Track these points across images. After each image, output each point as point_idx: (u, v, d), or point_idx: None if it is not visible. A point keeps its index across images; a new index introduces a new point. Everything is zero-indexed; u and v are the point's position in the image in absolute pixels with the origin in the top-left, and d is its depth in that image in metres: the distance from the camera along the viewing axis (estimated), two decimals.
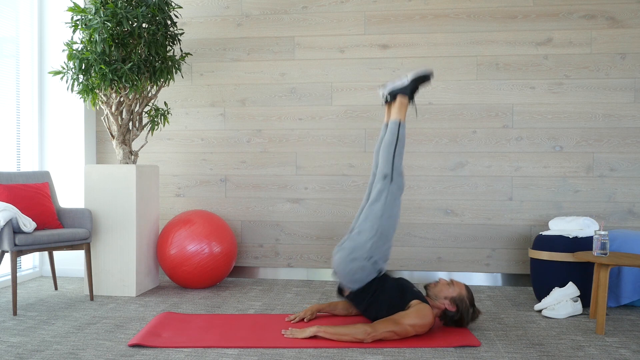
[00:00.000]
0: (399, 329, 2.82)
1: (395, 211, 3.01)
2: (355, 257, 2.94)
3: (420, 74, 3.21)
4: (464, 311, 2.99)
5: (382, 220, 2.97)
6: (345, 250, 2.97)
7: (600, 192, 4.30)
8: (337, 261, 3.00)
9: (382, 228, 2.96)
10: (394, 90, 3.21)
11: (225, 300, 3.85)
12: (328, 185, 4.56)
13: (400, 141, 3.07)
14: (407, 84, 3.20)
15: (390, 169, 3.03)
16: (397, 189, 3.02)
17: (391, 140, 3.07)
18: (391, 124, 3.11)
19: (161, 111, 4.26)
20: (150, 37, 3.93)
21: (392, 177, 3.02)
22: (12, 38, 4.38)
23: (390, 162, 3.04)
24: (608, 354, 2.72)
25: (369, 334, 2.80)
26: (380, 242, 2.95)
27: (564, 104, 4.33)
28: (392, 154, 3.05)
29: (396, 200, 3.01)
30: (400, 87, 3.20)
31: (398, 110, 3.15)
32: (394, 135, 3.07)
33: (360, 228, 3.00)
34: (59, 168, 4.65)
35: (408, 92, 3.19)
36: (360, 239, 2.96)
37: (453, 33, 4.42)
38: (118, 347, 2.78)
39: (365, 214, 3.01)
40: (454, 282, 3.06)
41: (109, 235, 3.95)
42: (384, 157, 3.05)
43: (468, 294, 3.03)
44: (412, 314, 2.85)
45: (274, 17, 4.61)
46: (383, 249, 2.96)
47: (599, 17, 4.29)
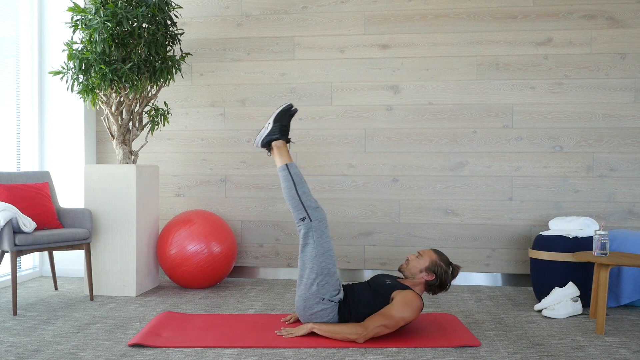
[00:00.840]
0: (389, 322, 2.82)
1: (327, 244, 3.01)
2: (309, 305, 2.98)
3: (280, 112, 3.18)
4: (442, 274, 3.00)
5: (318, 261, 2.98)
6: (300, 303, 3.02)
7: (600, 192, 4.30)
8: (299, 314, 3.06)
9: (320, 267, 2.97)
10: (264, 140, 3.19)
11: (225, 300, 3.85)
12: (328, 185, 4.56)
13: (297, 182, 3.07)
14: (271, 128, 3.18)
15: (304, 210, 3.03)
16: (319, 224, 3.02)
17: (288, 185, 3.07)
18: (279, 171, 3.12)
19: (161, 111, 4.26)
20: (150, 37, 3.93)
21: (309, 216, 3.03)
22: (12, 38, 4.38)
23: (300, 205, 3.04)
24: (608, 354, 2.72)
25: (361, 334, 2.81)
26: (324, 280, 2.97)
27: (564, 104, 4.33)
28: (297, 197, 3.05)
29: (324, 235, 3.02)
30: (267, 134, 3.18)
31: (278, 156, 3.14)
32: (288, 180, 3.07)
33: (302, 276, 3.02)
34: (59, 168, 4.65)
35: (278, 135, 3.17)
36: (306, 287, 2.99)
37: (453, 33, 4.42)
38: (118, 347, 2.78)
39: (301, 261, 3.03)
40: (421, 252, 3.08)
41: (109, 235, 3.95)
42: (292, 203, 3.05)
43: (440, 257, 3.04)
44: (398, 304, 2.85)
45: (274, 17, 4.61)
46: (330, 283, 2.98)
47: (599, 17, 4.29)
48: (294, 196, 3.06)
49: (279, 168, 3.13)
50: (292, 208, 3.07)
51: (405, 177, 4.48)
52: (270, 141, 3.18)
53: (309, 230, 3.01)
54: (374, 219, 4.51)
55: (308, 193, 3.07)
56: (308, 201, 3.05)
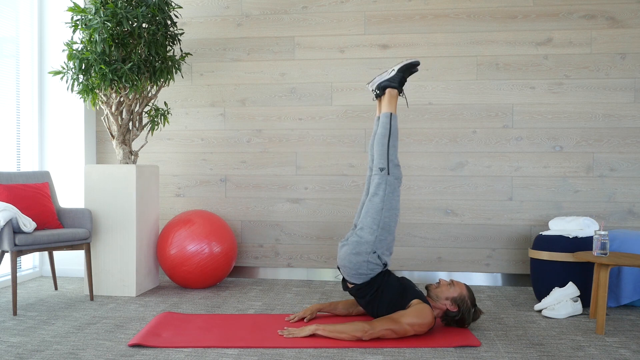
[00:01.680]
0: (397, 328, 2.82)
1: (395, 203, 3.00)
2: (359, 251, 2.95)
3: (406, 64, 3.19)
4: (465, 311, 2.99)
5: (382, 213, 2.97)
6: (350, 245, 2.98)
7: (600, 192, 4.30)
8: (342, 256, 3.01)
9: (383, 221, 2.96)
10: (382, 84, 3.19)
11: (225, 300, 3.85)
12: (328, 185, 4.56)
13: (393, 133, 3.07)
14: (393, 75, 3.18)
15: (386, 161, 3.03)
16: (394, 181, 3.02)
17: (384, 133, 3.06)
18: (382, 117, 3.11)
19: (161, 111, 4.26)
20: (150, 37, 3.94)
21: (388, 169, 3.02)
22: (12, 38, 4.38)
23: (385, 155, 3.03)
24: (608, 354, 2.72)
25: (367, 331, 2.81)
26: (383, 235, 2.95)
27: (564, 104, 4.33)
28: (387, 146, 3.04)
29: (395, 192, 3.01)
30: (387, 79, 3.19)
31: (388, 103, 3.14)
32: (386, 127, 3.07)
33: (362, 223, 3.00)
34: (59, 168, 4.65)
35: (396, 84, 3.17)
36: (363, 233, 2.96)
37: (453, 33, 4.42)
38: (118, 347, 2.78)
39: (366, 208, 3.01)
40: (454, 282, 3.06)
41: (109, 235, 3.95)
42: (379, 150, 3.05)
43: (469, 294, 3.03)
44: (412, 314, 2.85)
45: (274, 17, 4.61)
46: (386, 241, 2.97)
47: (599, 17, 4.29)
48: (384, 144, 3.04)
49: (384, 113, 3.11)
50: (377, 154, 3.05)
51: (405, 177, 4.48)
52: (387, 86, 3.17)
53: (383, 182, 3.00)
54: None
55: (397, 149, 3.07)
56: (393, 156, 3.04)
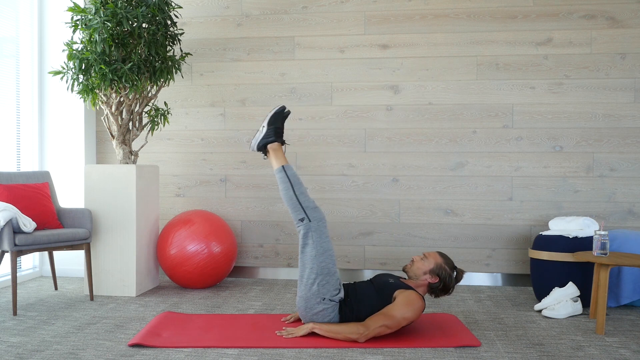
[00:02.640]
0: (391, 322, 2.82)
1: (326, 244, 3.01)
2: (310, 305, 2.97)
3: (273, 114, 3.19)
4: (446, 278, 3.00)
5: (317, 261, 2.97)
6: (301, 303, 3.01)
7: (600, 192, 4.30)
8: (301, 314, 3.05)
9: (320, 266, 2.97)
10: (260, 143, 3.19)
11: (225, 300, 3.85)
12: (328, 185, 4.56)
13: (294, 182, 3.07)
14: (266, 131, 3.18)
15: (302, 210, 3.03)
16: (318, 223, 3.02)
17: (285, 187, 3.07)
18: (276, 173, 3.12)
19: (161, 111, 4.26)
20: (150, 37, 3.94)
21: (307, 216, 3.03)
22: (12, 38, 4.38)
23: (298, 206, 3.04)
24: (608, 354, 2.72)
25: (362, 334, 2.81)
26: (324, 280, 2.96)
27: (564, 104, 4.33)
28: (295, 198, 3.05)
29: (322, 234, 3.01)
30: (262, 137, 3.19)
31: (275, 159, 3.15)
32: (285, 182, 3.08)
33: (302, 277, 3.02)
34: (59, 168, 4.65)
35: (273, 138, 3.17)
36: (307, 287, 2.98)
37: (453, 33, 4.42)
38: (118, 347, 2.78)
39: (301, 262, 3.03)
40: (426, 254, 3.08)
41: (109, 235, 3.95)
42: (291, 205, 3.06)
43: (445, 260, 3.04)
44: (400, 304, 2.85)
45: (274, 17, 4.61)
46: (331, 283, 2.97)
47: (599, 17, 4.29)
48: (291, 197, 3.06)
49: (276, 170, 3.13)
50: (291, 209, 3.07)
51: (405, 177, 4.48)
52: (266, 144, 3.19)
53: (308, 230, 3.01)
54: (374, 219, 4.51)
55: (305, 194, 3.08)
56: (306, 201, 3.05)
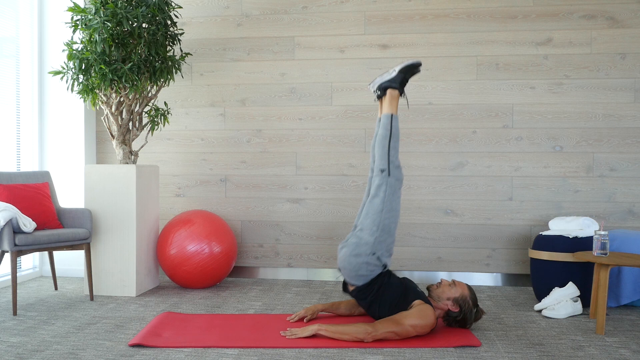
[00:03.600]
0: (399, 329, 2.81)
1: (395, 205, 2.99)
2: (359, 252, 2.94)
3: (407, 65, 3.16)
4: (467, 311, 2.99)
5: (382, 215, 2.95)
6: (350, 247, 2.97)
7: (600, 192, 4.30)
8: (341, 257, 3.01)
9: (383, 223, 2.95)
10: (383, 84, 3.17)
11: (225, 300, 3.85)
12: (328, 185, 4.56)
13: (394, 134, 3.05)
14: (394, 76, 3.16)
15: (387, 162, 3.01)
16: (395, 182, 3.01)
17: (384, 134, 3.05)
18: (383, 118, 3.10)
19: (161, 111, 4.26)
20: (150, 37, 3.94)
21: (389, 170, 3.00)
22: (12, 38, 4.38)
23: (386, 156, 3.02)
24: (608, 354, 2.72)
25: (369, 333, 2.80)
26: (382, 236, 2.94)
27: (564, 104, 4.33)
28: (387, 147, 3.03)
29: (395, 194, 3.00)
30: (388, 80, 3.16)
31: (389, 104, 3.12)
32: (387, 129, 3.05)
33: (362, 225, 2.99)
34: (59, 168, 4.65)
35: (397, 85, 3.15)
36: (363, 235, 2.96)
37: (453, 33, 4.42)
38: (118, 347, 2.78)
39: (366, 210, 3.00)
40: (456, 282, 3.06)
41: (109, 235, 3.95)
42: (379, 151, 3.04)
43: (471, 294, 3.02)
44: (414, 315, 2.84)
45: (274, 17, 4.61)
46: (386, 243, 2.96)
47: (599, 17, 4.29)
48: (385, 146, 3.03)
49: (385, 115, 3.09)
50: (378, 156, 3.04)
51: (405, 177, 4.48)
52: (388, 87, 3.15)
53: (383, 183, 2.99)
54: None
55: (397, 150, 3.05)
56: (394, 157, 3.03)
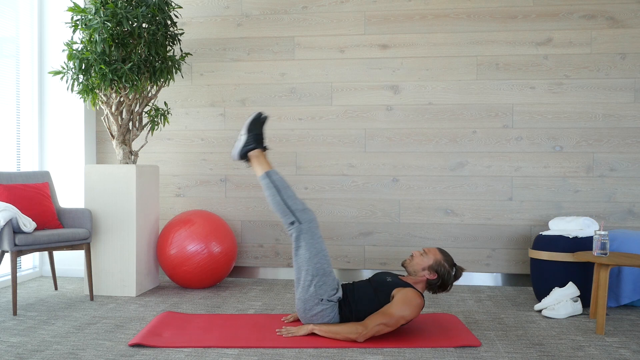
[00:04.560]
0: (389, 321, 2.81)
1: (320, 245, 2.99)
2: (308, 307, 2.97)
3: (251, 121, 3.17)
4: (444, 275, 2.99)
5: (312, 262, 2.96)
6: (300, 305, 3.01)
7: (600, 192, 4.30)
8: (300, 316, 3.05)
9: (315, 268, 2.96)
10: (242, 152, 3.18)
11: (225, 300, 3.85)
12: (328, 185, 4.56)
13: (280, 187, 3.05)
14: (246, 138, 3.17)
15: (291, 214, 3.02)
16: (309, 225, 3.00)
17: (272, 193, 3.05)
18: (261, 180, 3.10)
19: (161, 111, 4.26)
20: (150, 37, 3.94)
21: (297, 219, 3.01)
22: (12, 38, 4.38)
23: (287, 210, 3.02)
24: (608, 354, 2.72)
25: (361, 333, 2.81)
26: (321, 281, 2.96)
27: (564, 104, 4.33)
28: (283, 202, 3.03)
29: (315, 235, 3.00)
30: (242, 146, 3.17)
31: (258, 165, 3.13)
32: (270, 187, 3.06)
33: (299, 279, 3.01)
34: (59, 168, 4.65)
35: (253, 145, 3.16)
36: (304, 289, 2.97)
37: (453, 33, 4.42)
38: (118, 347, 2.78)
39: (297, 264, 3.02)
40: (426, 250, 3.06)
41: (109, 235, 3.95)
42: (279, 210, 3.04)
43: (444, 257, 3.02)
44: (398, 303, 2.84)
45: (274, 17, 4.61)
46: (327, 284, 2.96)
47: (599, 17, 4.29)
48: (279, 202, 3.04)
49: (260, 177, 3.11)
50: (280, 214, 3.05)
51: (405, 177, 4.48)
52: (247, 152, 3.17)
53: (300, 233, 3.00)
54: (374, 219, 4.51)
55: (293, 196, 3.05)
56: (294, 204, 3.03)
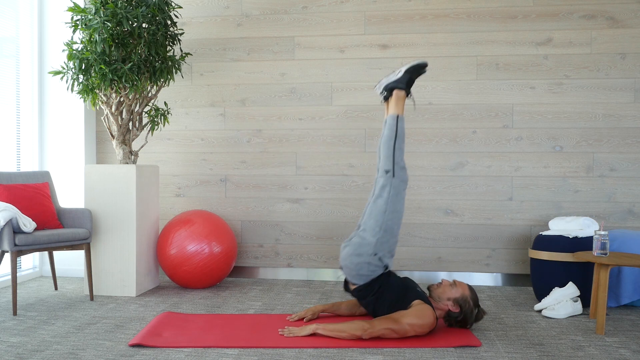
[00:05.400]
0: (397, 327, 2.81)
1: (399, 206, 2.99)
2: (361, 252, 2.94)
3: (414, 65, 3.15)
4: (467, 312, 2.98)
5: (385, 216, 2.95)
6: (352, 246, 2.97)
7: (600, 192, 4.30)
8: (343, 256, 3.01)
9: (386, 224, 2.95)
10: (389, 85, 3.17)
11: (225, 300, 3.85)
12: (328, 185, 4.56)
13: (399, 135, 3.04)
14: (401, 76, 3.15)
15: (392, 163, 3.01)
16: (399, 183, 3.00)
17: (390, 135, 3.05)
18: (388, 119, 3.09)
19: (161, 111, 4.26)
20: (150, 37, 3.94)
21: (393, 171, 3.00)
22: (12, 38, 4.38)
23: (391, 157, 3.02)
24: (608, 354, 2.72)
25: (366, 330, 2.81)
26: (385, 237, 2.94)
27: (564, 104, 4.33)
28: (392, 148, 3.02)
29: (399, 195, 2.99)
30: (394, 81, 3.16)
31: (395, 105, 3.12)
32: (392, 130, 3.05)
33: (365, 225, 2.99)
34: (59, 168, 4.65)
35: (403, 85, 3.14)
36: (366, 235, 2.96)
37: (453, 33, 4.42)
38: (118, 347, 2.78)
39: (370, 210, 3.00)
40: (456, 282, 3.05)
41: (109, 235, 3.95)
42: (385, 152, 3.03)
43: (472, 295, 3.02)
44: (412, 314, 2.84)
45: (274, 17, 4.61)
46: (389, 244, 2.96)
47: (599, 17, 4.29)
48: (390, 147, 3.02)
49: (390, 115, 3.09)
50: (383, 157, 3.03)
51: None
52: (394, 88, 3.15)
53: (388, 184, 2.98)
54: None
55: (403, 152, 3.04)
56: (399, 158, 3.03)
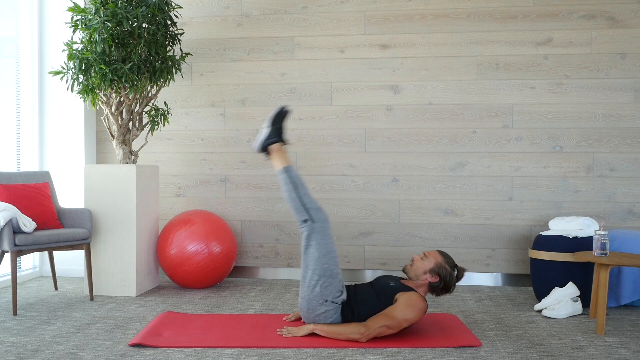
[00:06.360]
0: (392, 323, 2.81)
1: (330, 246, 2.99)
2: (312, 307, 2.97)
3: (274, 115, 3.20)
4: (446, 277, 2.98)
5: (320, 262, 2.96)
6: (303, 305, 3.01)
7: (600, 192, 4.30)
8: (303, 316, 3.05)
9: (323, 269, 2.95)
10: (263, 144, 3.20)
11: (225, 300, 3.85)
12: (328, 185, 4.56)
13: (296, 184, 3.07)
14: (268, 131, 3.19)
15: (305, 211, 3.03)
16: (322, 225, 3.01)
17: (288, 188, 3.07)
18: (279, 175, 3.12)
19: (161, 111, 4.26)
20: (150, 37, 3.94)
21: (311, 218, 3.02)
22: (12, 38, 4.38)
23: (301, 207, 3.04)
24: (608, 354, 2.72)
25: (363, 334, 2.81)
26: (327, 282, 2.95)
27: (564, 104, 4.33)
28: (298, 199, 3.04)
29: (326, 236, 3.00)
30: (264, 139, 3.20)
31: (277, 160, 3.15)
32: (287, 183, 3.08)
33: (305, 278, 3.01)
34: (59, 168, 4.65)
35: (274, 138, 3.18)
36: (309, 289, 2.97)
37: (453, 33, 4.42)
38: (118, 347, 2.78)
39: (304, 262, 3.01)
40: (426, 253, 3.06)
41: (109, 235, 3.95)
42: (293, 205, 3.05)
43: (445, 259, 3.02)
44: (401, 306, 2.84)
45: (274, 17, 4.61)
46: (333, 286, 2.96)
47: (599, 17, 4.29)
48: (294, 198, 3.05)
49: (278, 171, 3.13)
50: (294, 210, 3.06)
51: (405, 177, 4.48)
52: (268, 145, 3.19)
53: (312, 231, 3.00)
54: (374, 219, 4.51)
55: (309, 194, 3.07)
56: (309, 203, 3.05)
